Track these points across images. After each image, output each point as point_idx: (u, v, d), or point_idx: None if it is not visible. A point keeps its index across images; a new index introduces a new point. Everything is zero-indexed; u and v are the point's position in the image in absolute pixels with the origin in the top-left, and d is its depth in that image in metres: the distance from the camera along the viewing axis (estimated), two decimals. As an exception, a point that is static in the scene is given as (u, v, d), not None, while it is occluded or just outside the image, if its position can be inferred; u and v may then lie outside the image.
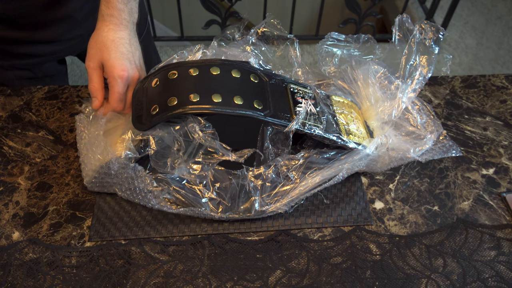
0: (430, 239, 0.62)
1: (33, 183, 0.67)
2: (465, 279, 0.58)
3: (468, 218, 0.64)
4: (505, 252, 0.60)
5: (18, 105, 0.78)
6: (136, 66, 0.65)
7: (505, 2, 2.30)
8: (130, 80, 0.64)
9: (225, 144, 0.58)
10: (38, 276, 0.57)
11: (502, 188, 0.68)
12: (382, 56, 0.74)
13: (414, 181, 0.68)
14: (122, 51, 0.63)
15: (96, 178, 0.63)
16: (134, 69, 0.64)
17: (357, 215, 0.64)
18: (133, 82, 0.64)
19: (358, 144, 0.64)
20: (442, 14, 1.98)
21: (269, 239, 0.61)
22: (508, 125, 0.76)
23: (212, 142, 0.56)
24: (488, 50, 2.07)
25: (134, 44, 0.66)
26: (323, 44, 0.74)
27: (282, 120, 0.60)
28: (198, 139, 0.56)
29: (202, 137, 0.56)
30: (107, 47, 0.62)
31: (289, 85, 0.66)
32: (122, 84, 0.62)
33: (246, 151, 0.58)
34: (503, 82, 0.84)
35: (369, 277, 0.58)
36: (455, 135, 0.75)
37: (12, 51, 0.82)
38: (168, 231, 0.62)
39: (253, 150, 0.59)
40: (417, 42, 0.68)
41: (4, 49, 0.82)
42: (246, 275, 0.58)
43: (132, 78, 0.64)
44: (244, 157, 0.57)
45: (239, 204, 0.62)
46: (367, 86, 0.72)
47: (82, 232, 0.62)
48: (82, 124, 0.68)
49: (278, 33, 0.69)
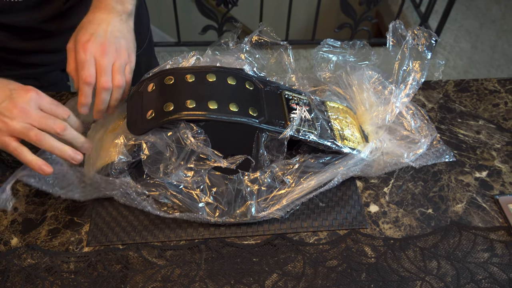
0: (424, 241, 0.62)
1: (31, 189, 0.68)
2: (459, 280, 0.58)
3: (461, 220, 0.65)
4: (498, 253, 0.61)
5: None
6: (106, 41, 0.62)
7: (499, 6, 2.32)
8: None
9: (220, 150, 0.58)
10: (37, 281, 0.58)
11: (495, 190, 0.69)
12: (377, 61, 0.75)
13: (408, 185, 0.69)
14: (95, 29, 0.62)
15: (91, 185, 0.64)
16: (101, 43, 0.61)
17: (352, 218, 0.65)
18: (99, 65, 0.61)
19: (352, 149, 0.65)
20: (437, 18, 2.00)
21: (266, 243, 0.62)
22: (500, 129, 0.77)
23: (204, 149, 0.57)
24: (482, 54, 2.08)
25: (116, 27, 0.64)
26: (319, 50, 0.75)
27: (276, 127, 0.61)
28: (190, 146, 0.57)
29: (194, 143, 0.57)
30: (82, 26, 0.63)
31: (284, 92, 0.67)
32: (90, 62, 0.60)
33: (238, 157, 0.58)
34: (495, 86, 0.85)
35: (364, 279, 0.59)
36: (449, 139, 0.76)
37: (22, 61, 0.83)
38: (165, 236, 0.62)
39: (244, 157, 0.59)
40: (410, 47, 0.69)
41: (14, 59, 0.82)
42: (243, 278, 0.59)
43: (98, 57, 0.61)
44: (235, 163, 0.58)
45: (235, 208, 0.63)
46: (361, 91, 0.73)
47: (80, 238, 0.63)
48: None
49: (272, 40, 0.70)
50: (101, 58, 0.60)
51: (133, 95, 0.64)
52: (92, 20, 0.63)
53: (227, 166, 0.58)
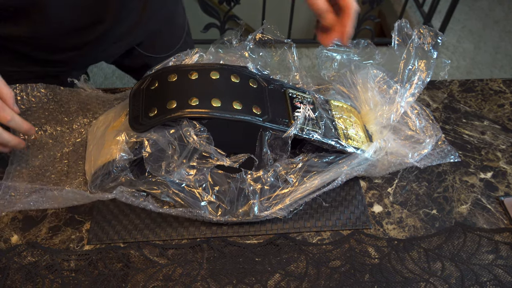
0: (428, 242, 0.62)
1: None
2: (463, 282, 0.58)
3: (466, 221, 0.64)
4: (503, 255, 0.61)
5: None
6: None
7: (502, 6, 2.31)
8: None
9: (223, 149, 0.58)
10: (37, 279, 0.57)
11: (500, 192, 0.68)
12: (381, 61, 0.74)
13: (412, 185, 0.69)
14: None
15: (94, 181, 0.63)
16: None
17: (356, 218, 0.64)
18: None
19: (357, 149, 0.65)
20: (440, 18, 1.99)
21: (268, 242, 0.62)
22: (505, 129, 0.76)
23: (207, 147, 0.56)
24: (485, 54, 2.08)
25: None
26: (323, 49, 0.75)
27: (280, 126, 0.60)
28: (193, 143, 0.56)
29: (196, 141, 0.56)
30: None
31: (288, 90, 0.66)
32: None
33: (241, 156, 0.58)
34: (500, 86, 0.84)
35: (368, 280, 0.58)
36: (453, 139, 0.75)
37: (50, 58, 0.80)
38: (167, 235, 0.62)
39: (247, 155, 0.59)
40: (415, 46, 0.69)
41: (42, 57, 0.80)
42: (245, 278, 0.58)
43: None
44: (238, 162, 0.57)
45: (238, 207, 0.62)
46: (366, 90, 0.73)
47: (81, 236, 0.62)
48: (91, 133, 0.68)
49: (276, 38, 0.69)
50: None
51: (136, 92, 0.63)
52: None
53: (230, 165, 0.57)
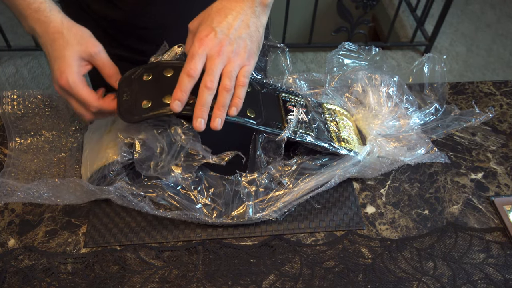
0: (420, 242, 0.63)
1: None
2: (455, 281, 0.59)
3: (457, 221, 0.65)
4: (494, 254, 0.62)
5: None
6: (227, 40, 0.56)
7: (494, 10, 2.33)
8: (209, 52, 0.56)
9: (217, 151, 0.58)
10: (34, 283, 0.58)
11: (490, 192, 0.69)
12: (388, 70, 0.75)
13: (404, 186, 0.70)
14: (219, 22, 0.56)
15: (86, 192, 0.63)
16: (220, 41, 0.56)
17: (349, 219, 0.65)
18: (210, 56, 0.56)
19: (350, 151, 0.66)
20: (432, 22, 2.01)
21: (263, 244, 0.62)
22: (496, 131, 0.78)
23: (194, 144, 0.57)
24: (478, 57, 2.10)
25: (244, 22, 0.57)
26: (335, 54, 0.75)
27: (274, 129, 0.61)
28: (180, 141, 0.57)
29: (184, 138, 0.57)
30: (209, 14, 0.58)
31: (281, 94, 0.67)
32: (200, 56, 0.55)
33: (228, 153, 0.58)
34: (491, 88, 0.86)
35: (361, 280, 0.59)
36: (445, 141, 0.76)
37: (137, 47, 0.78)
38: (163, 237, 0.63)
39: (235, 153, 0.59)
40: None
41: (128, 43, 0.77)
42: (240, 279, 0.59)
43: (210, 51, 0.55)
44: (224, 160, 0.58)
45: (232, 209, 0.63)
46: (363, 93, 0.74)
47: (77, 239, 0.62)
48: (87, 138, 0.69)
49: (269, 43, 0.70)
50: (214, 57, 0.56)
51: (127, 78, 0.61)
52: (221, 9, 0.58)
53: (216, 162, 0.57)
